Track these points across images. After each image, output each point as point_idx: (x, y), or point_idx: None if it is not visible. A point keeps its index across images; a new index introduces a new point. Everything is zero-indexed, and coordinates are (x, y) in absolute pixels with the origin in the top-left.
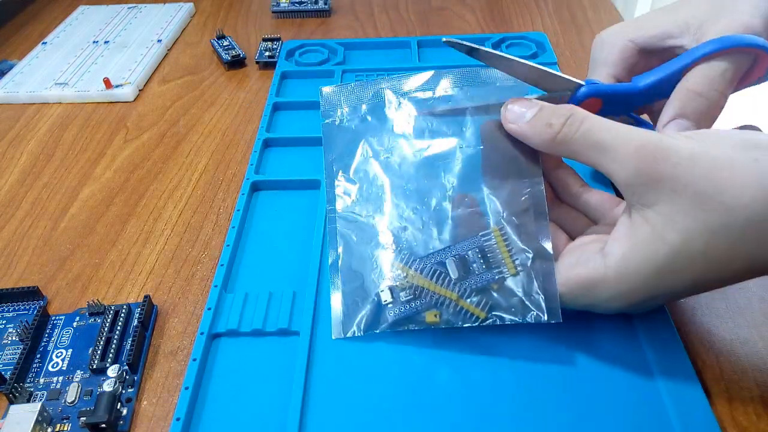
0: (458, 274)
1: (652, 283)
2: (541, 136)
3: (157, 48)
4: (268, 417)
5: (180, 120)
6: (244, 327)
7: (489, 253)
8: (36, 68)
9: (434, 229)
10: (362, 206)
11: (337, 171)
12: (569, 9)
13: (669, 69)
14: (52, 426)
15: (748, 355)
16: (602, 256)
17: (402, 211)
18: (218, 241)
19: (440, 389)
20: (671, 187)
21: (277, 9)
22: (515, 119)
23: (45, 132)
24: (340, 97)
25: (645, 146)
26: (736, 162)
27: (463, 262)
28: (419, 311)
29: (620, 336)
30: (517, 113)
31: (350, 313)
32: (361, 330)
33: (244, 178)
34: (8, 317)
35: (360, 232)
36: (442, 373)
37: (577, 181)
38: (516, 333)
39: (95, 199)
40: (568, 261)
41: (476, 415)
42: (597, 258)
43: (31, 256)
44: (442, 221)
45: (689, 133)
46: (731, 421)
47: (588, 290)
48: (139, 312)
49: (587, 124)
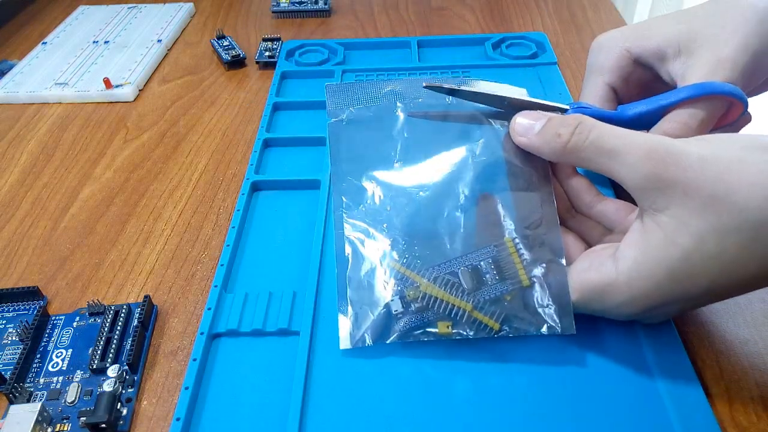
0: (471, 284)
1: (665, 287)
2: (552, 146)
3: (157, 48)
4: (268, 417)
5: (180, 120)
6: (244, 327)
7: (502, 263)
8: (36, 68)
9: (446, 238)
10: (372, 212)
11: (345, 174)
12: (569, 9)
13: (654, 104)
14: (52, 426)
15: (748, 355)
16: (614, 261)
17: (413, 219)
18: (218, 241)
19: (440, 389)
20: (683, 191)
21: (277, 9)
22: (524, 132)
23: (45, 132)
24: (349, 95)
25: (655, 150)
26: (746, 163)
27: (476, 272)
28: (431, 321)
29: (621, 336)
30: (525, 126)
31: (359, 322)
32: (370, 340)
33: (244, 178)
34: (8, 317)
35: (369, 238)
36: (443, 373)
37: (591, 190)
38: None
39: (95, 199)
40: (580, 266)
41: (477, 415)
42: (609, 263)
43: (31, 256)
44: (455, 230)
45: (696, 138)
46: (731, 421)
47: (599, 295)
48: (139, 312)
49: (596, 132)
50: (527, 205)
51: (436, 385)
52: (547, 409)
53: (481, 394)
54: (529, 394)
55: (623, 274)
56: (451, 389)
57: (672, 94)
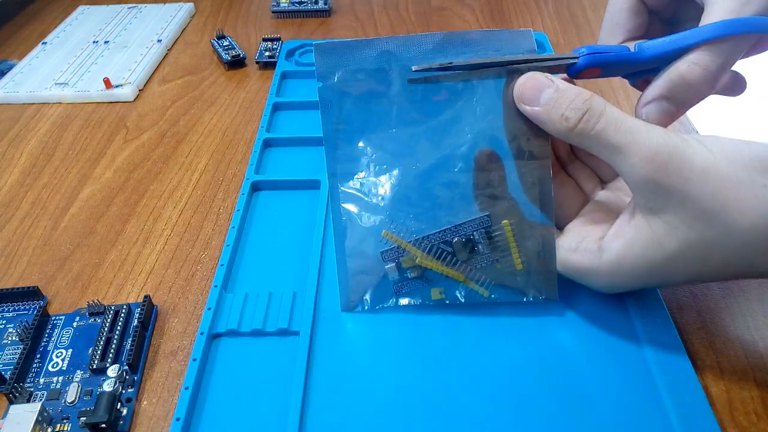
0: (464, 254)
1: (643, 280)
2: (556, 127)
3: (157, 48)
4: (268, 417)
5: (180, 120)
6: (244, 327)
7: (495, 233)
8: (36, 68)
9: (442, 207)
10: (367, 181)
11: (340, 143)
12: (569, 9)
13: (674, 44)
14: (52, 426)
15: (748, 355)
16: (599, 250)
17: (409, 188)
18: (218, 241)
19: (440, 389)
20: (680, 200)
21: (277, 9)
22: (529, 100)
23: (45, 132)
24: (340, 56)
25: (659, 154)
26: (745, 185)
27: (469, 242)
28: (425, 288)
29: (620, 336)
30: (530, 92)
31: (357, 289)
32: (367, 305)
33: (244, 178)
34: (8, 317)
35: (365, 208)
36: (443, 373)
37: None
38: (522, 332)
39: (95, 199)
40: (568, 243)
41: (478, 411)
42: (594, 250)
43: (31, 256)
44: (451, 199)
45: (705, 140)
46: (731, 421)
47: (581, 276)
48: (139, 312)
49: (603, 123)
50: (524, 173)
51: (436, 384)
52: (549, 408)
53: (480, 394)
54: (530, 395)
55: (605, 264)
56: (451, 389)
57: (695, 33)
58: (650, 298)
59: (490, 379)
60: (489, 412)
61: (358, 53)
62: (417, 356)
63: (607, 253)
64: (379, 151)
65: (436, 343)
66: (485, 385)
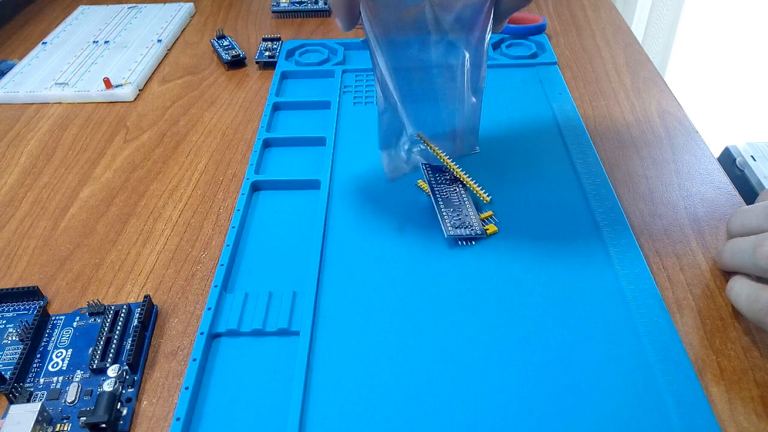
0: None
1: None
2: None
3: (157, 48)
4: (268, 417)
5: (180, 120)
6: (244, 327)
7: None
8: (36, 68)
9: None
10: (383, 80)
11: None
12: (569, 9)
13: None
14: (52, 426)
15: (748, 355)
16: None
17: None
18: (218, 241)
19: (441, 389)
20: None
21: (277, 9)
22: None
23: (45, 132)
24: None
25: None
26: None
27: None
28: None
29: (620, 336)
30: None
31: (391, 162)
32: (401, 173)
33: (244, 178)
34: (8, 317)
35: (388, 99)
36: (443, 373)
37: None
38: (522, 333)
39: (95, 199)
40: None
41: (478, 412)
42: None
43: (31, 256)
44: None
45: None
46: (731, 421)
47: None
48: (139, 312)
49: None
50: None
51: (435, 385)
52: (548, 407)
53: (481, 395)
54: (531, 396)
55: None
56: (452, 389)
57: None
58: (650, 297)
59: (490, 379)
60: (488, 415)
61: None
62: (418, 356)
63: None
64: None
65: (436, 344)
66: (485, 385)
